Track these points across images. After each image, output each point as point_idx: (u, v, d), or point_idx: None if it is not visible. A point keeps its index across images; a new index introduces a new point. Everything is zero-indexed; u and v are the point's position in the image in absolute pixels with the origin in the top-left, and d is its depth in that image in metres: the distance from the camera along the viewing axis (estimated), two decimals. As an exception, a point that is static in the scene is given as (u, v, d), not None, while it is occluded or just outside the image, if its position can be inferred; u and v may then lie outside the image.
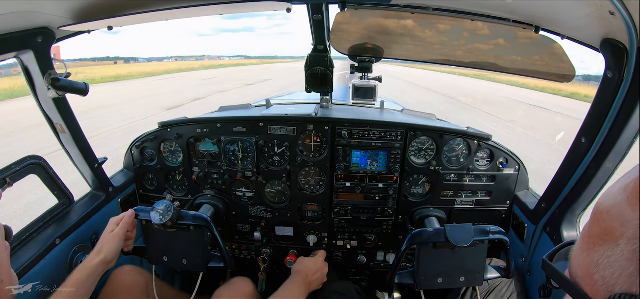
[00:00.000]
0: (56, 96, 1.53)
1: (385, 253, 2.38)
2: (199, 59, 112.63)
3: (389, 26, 1.95)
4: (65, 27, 1.44)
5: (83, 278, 1.39)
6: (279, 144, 2.15)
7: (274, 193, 2.28)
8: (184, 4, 1.37)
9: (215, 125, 2.14)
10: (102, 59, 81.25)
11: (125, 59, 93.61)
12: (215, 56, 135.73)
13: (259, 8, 1.52)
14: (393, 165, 2.10)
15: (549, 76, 1.90)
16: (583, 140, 1.50)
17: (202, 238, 1.76)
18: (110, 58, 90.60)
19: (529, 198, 2.09)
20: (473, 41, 1.92)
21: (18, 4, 1.18)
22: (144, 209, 1.70)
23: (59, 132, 1.73)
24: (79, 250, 1.77)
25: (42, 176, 1.66)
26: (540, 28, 1.51)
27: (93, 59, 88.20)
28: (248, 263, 2.48)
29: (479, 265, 1.66)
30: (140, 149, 2.26)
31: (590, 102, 1.45)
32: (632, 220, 0.53)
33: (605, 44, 1.27)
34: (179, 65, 70.41)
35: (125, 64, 74.13)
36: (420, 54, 2.21)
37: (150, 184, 2.34)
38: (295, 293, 1.80)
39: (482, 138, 2.08)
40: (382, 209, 2.21)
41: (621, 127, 1.32)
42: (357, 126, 2.06)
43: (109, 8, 1.40)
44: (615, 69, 1.26)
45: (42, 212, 1.72)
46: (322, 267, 2.02)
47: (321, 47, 2.01)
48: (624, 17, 1.07)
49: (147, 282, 1.80)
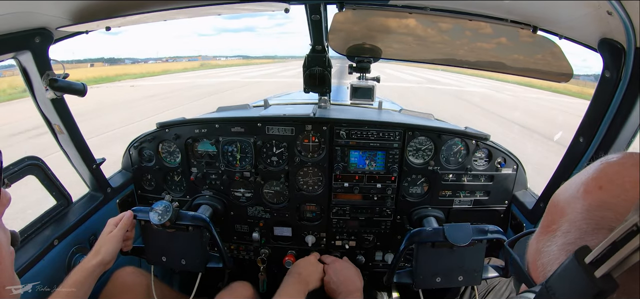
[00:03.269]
0: (54, 96, 1.53)
1: (384, 253, 2.38)
2: (193, 59, 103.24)
3: (387, 26, 1.95)
4: (64, 27, 1.43)
5: (81, 278, 1.40)
6: (277, 145, 2.15)
7: (273, 193, 2.28)
8: (182, 4, 1.37)
9: (213, 125, 2.14)
10: (78, 61, 71.19)
11: (106, 60, 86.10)
12: (211, 56, 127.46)
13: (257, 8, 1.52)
14: (391, 165, 2.10)
15: (548, 75, 1.90)
16: (581, 139, 1.50)
17: (201, 238, 1.76)
18: (90, 60, 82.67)
19: (527, 198, 2.09)
20: (475, 40, 1.91)
21: (16, 4, 1.17)
22: (142, 210, 1.70)
23: (57, 132, 1.73)
24: (77, 251, 1.77)
25: (40, 177, 1.66)
26: (538, 28, 1.52)
27: (69, 61, 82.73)
28: (246, 264, 2.47)
29: (477, 264, 1.66)
30: (138, 150, 2.25)
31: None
32: (570, 214, 0.56)
33: (603, 44, 1.27)
34: (165, 66, 64.07)
35: (106, 66, 66.44)
36: (420, 54, 2.21)
37: (149, 185, 2.34)
38: (293, 292, 1.80)
39: (480, 138, 2.08)
40: (380, 209, 2.21)
41: (619, 126, 1.32)
42: (355, 126, 2.06)
43: (107, 9, 1.40)
44: (613, 69, 1.26)
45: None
46: (316, 265, 2.02)
47: (319, 47, 2.01)
48: (622, 17, 1.07)
49: (147, 283, 1.80)
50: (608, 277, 0.45)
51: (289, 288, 1.82)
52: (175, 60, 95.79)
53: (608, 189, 0.53)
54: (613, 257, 0.44)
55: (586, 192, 0.55)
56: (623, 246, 0.43)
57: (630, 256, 0.43)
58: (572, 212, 0.56)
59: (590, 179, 0.56)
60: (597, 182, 0.55)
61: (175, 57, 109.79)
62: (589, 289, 0.46)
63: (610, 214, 0.49)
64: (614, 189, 0.52)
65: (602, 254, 0.46)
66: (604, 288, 0.45)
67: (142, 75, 40.81)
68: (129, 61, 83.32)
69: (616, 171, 0.54)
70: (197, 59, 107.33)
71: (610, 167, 0.55)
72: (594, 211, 0.53)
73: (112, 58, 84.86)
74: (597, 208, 0.53)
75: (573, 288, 0.48)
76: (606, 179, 0.54)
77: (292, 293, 1.80)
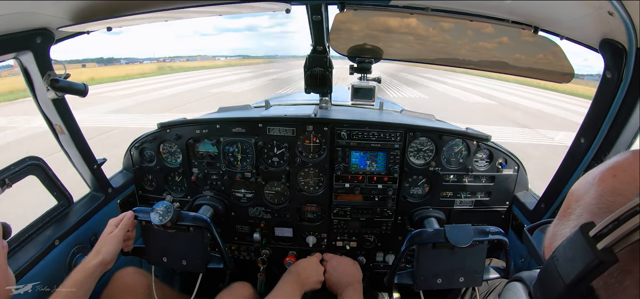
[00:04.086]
0: (55, 96, 1.53)
1: (385, 254, 2.38)
2: (191, 59, 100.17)
3: (388, 26, 1.95)
4: (65, 27, 1.44)
5: (81, 278, 1.40)
6: (278, 145, 2.15)
7: (273, 194, 2.28)
8: (183, 4, 1.37)
9: (214, 126, 2.14)
10: (72, 61, 68.95)
11: (100, 60, 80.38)
12: (210, 56, 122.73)
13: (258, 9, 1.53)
14: (392, 166, 2.10)
15: (550, 75, 1.90)
16: (582, 140, 1.50)
17: (202, 239, 1.76)
18: (81, 60, 74.75)
19: (528, 198, 2.09)
20: (477, 40, 1.91)
21: (17, 4, 1.18)
22: (143, 210, 1.70)
23: (58, 133, 1.73)
24: (78, 251, 1.77)
25: (41, 177, 1.66)
26: (539, 28, 1.51)
27: (58, 62, 77.30)
28: (247, 264, 2.47)
29: (478, 265, 1.66)
30: (139, 150, 2.26)
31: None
32: (585, 199, 0.59)
33: (604, 45, 1.27)
34: (159, 67, 56.54)
35: (99, 66, 62.76)
36: (421, 54, 2.21)
37: (150, 185, 2.34)
38: (288, 291, 1.80)
39: (481, 139, 2.08)
40: (381, 209, 2.21)
41: (620, 127, 1.32)
42: (356, 126, 2.06)
43: (109, 9, 1.40)
44: (614, 69, 1.26)
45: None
46: (317, 266, 2.02)
47: (320, 47, 2.01)
48: (623, 18, 1.07)
49: (148, 284, 1.80)
50: (609, 251, 0.48)
51: (285, 286, 1.83)
52: (172, 61, 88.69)
53: (621, 177, 0.56)
54: (614, 232, 0.47)
55: (601, 180, 0.58)
56: (625, 222, 0.46)
57: (632, 233, 0.45)
58: (587, 198, 0.59)
59: (606, 169, 0.59)
60: (612, 171, 0.58)
61: (172, 57, 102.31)
62: (590, 259, 0.49)
63: (620, 198, 0.51)
64: (626, 177, 0.55)
65: (605, 229, 0.48)
66: (604, 259, 0.48)
67: (140, 76, 36.53)
68: (124, 61, 77.91)
69: (630, 162, 0.57)
70: (195, 58, 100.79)
71: (626, 159, 0.58)
72: (607, 197, 0.55)
73: (111, 58, 79.49)
74: (609, 194, 0.55)
75: (575, 258, 0.52)
76: (620, 169, 0.57)
77: (287, 291, 1.80)
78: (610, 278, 0.49)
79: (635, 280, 0.47)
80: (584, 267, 0.50)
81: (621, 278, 0.48)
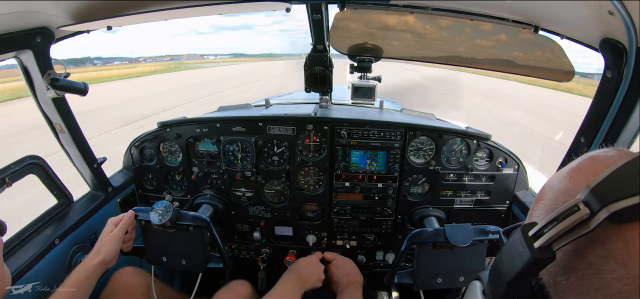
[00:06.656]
0: (55, 95, 1.53)
1: (385, 253, 2.38)
2: (176, 58, 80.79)
3: (388, 25, 1.94)
4: (65, 27, 1.44)
5: (82, 278, 1.40)
6: (278, 144, 2.15)
7: (273, 193, 2.28)
8: (183, 3, 1.37)
9: (214, 125, 2.14)
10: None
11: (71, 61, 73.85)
12: (198, 55, 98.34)
13: (259, 8, 1.53)
14: (392, 165, 2.10)
15: (550, 73, 1.90)
16: (582, 139, 1.50)
17: (201, 238, 1.76)
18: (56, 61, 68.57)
19: (528, 198, 2.09)
20: (475, 37, 1.91)
21: (17, 3, 1.18)
22: (143, 210, 1.70)
23: (58, 132, 1.73)
24: (78, 250, 1.77)
25: (41, 176, 1.66)
26: (539, 28, 1.51)
27: (58, 61, 65.90)
28: (247, 263, 2.47)
29: (478, 265, 1.66)
30: (139, 149, 2.25)
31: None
32: (543, 200, 0.59)
33: (605, 44, 1.27)
34: (130, 70, 42.70)
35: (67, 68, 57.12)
36: (421, 52, 2.21)
37: (150, 184, 2.34)
38: (288, 289, 1.80)
39: (481, 138, 2.08)
40: (381, 208, 2.21)
41: (620, 126, 1.32)
42: (356, 125, 2.05)
43: (108, 8, 1.40)
44: (614, 69, 1.26)
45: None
46: (317, 265, 2.02)
47: (320, 46, 2.01)
48: (623, 17, 1.07)
49: (147, 284, 1.80)
50: (546, 249, 0.49)
51: (286, 284, 1.82)
52: (154, 61, 71.18)
53: (575, 178, 0.55)
54: (551, 230, 0.48)
55: (558, 181, 0.58)
56: (562, 221, 0.47)
57: (570, 231, 0.46)
58: (545, 199, 0.59)
59: (567, 169, 0.59)
60: (570, 172, 0.57)
61: (153, 57, 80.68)
62: (526, 258, 0.50)
63: (569, 199, 0.50)
64: (580, 178, 0.54)
65: (546, 228, 0.50)
66: (540, 257, 0.49)
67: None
68: (99, 62, 62.21)
69: (589, 164, 0.56)
70: (180, 58, 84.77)
71: (584, 161, 0.58)
72: (558, 198, 0.56)
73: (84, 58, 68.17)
74: (561, 195, 0.56)
75: (515, 256, 0.53)
76: (577, 170, 0.57)
77: (288, 289, 1.80)
78: (558, 276, 0.50)
79: (579, 278, 0.47)
80: (523, 265, 0.51)
81: (567, 275, 0.49)
